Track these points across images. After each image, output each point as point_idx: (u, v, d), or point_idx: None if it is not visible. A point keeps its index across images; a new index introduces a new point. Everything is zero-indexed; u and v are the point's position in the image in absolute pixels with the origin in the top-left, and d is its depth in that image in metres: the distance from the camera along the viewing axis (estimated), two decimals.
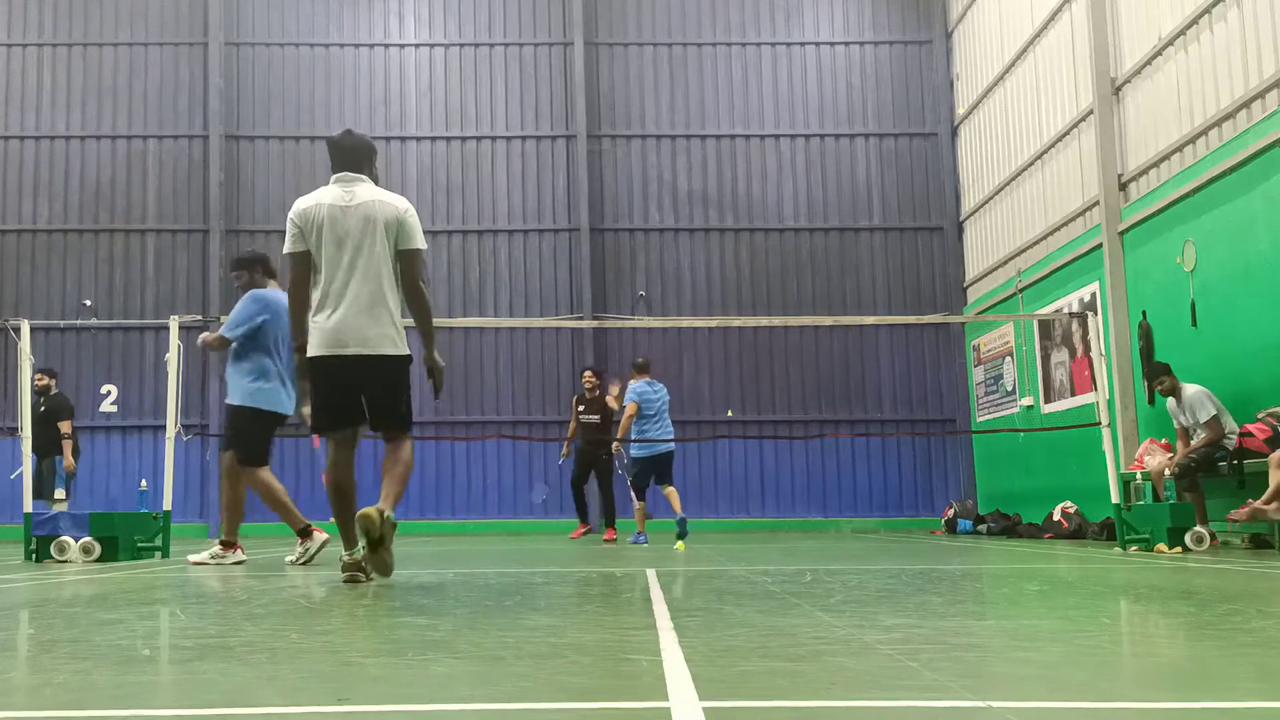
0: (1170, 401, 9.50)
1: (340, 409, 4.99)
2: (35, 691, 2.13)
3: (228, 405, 7.26)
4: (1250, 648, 2.61)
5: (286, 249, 4.97)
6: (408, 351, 5.03)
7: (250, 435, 7.13)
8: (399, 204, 5.01)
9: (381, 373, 4.95)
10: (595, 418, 12.21)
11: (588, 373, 12.67)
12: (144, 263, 17.46)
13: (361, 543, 4.99)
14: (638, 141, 17.89)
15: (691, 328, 16.87)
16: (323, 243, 4.88)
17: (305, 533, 7.11)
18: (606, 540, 11.27)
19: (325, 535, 7.11)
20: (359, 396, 4.96)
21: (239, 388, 7.16)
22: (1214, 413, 8.95)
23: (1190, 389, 9.23)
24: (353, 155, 5.05)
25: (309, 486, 16.59)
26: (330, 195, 4.95)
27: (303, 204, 4.97)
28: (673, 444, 11.19)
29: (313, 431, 5.20)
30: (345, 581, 4.98)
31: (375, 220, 4.89)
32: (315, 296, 4.90)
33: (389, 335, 4.90)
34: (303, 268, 4.91)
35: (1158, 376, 9.56)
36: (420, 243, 5.02)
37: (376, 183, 5.13)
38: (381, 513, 4.85)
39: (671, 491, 10.85)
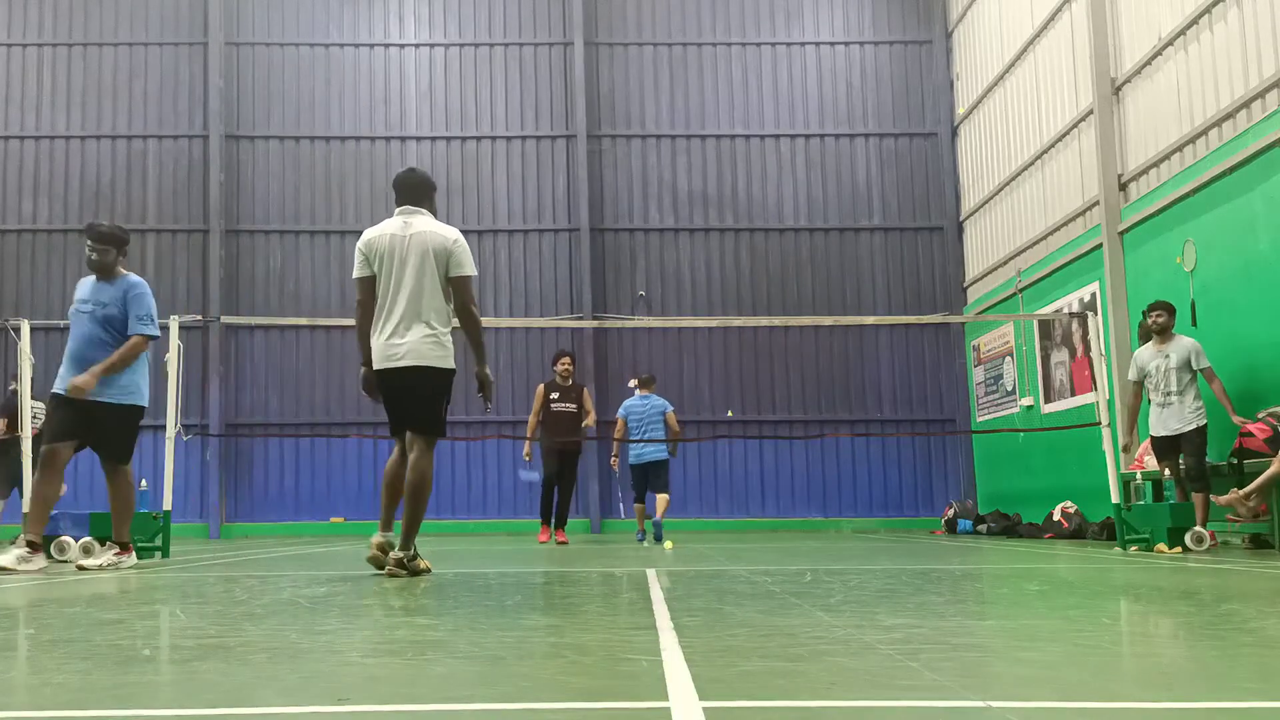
0: (1148, 348, 9.03)
1: (392, 415, 5.66)
2: (35, 691, 2.13)
3: (110, 404, 6.76)
4: (1250, 648, 2.61)
5: (355, 274, 5.61)
6: (443, 365, 5.54)
7: (134, 433, 6.95)
8: (449, 234, 5.54)
9: (408, 382, 5.49)
10: (571, 407, 11.33)
11: (565, 358, 11.43)
12: (144, 263, 17.45)
13: (390, 536, 5.64)
14: (638, 141, 17.89)
15: (691, 328, 16.87)
16: (383, 269, 5.50)
17: (125, 546, 6.71)
18: (549, 541, 11.05)
19: (134, 560, 6.75)
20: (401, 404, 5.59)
21: (127, 385, 6.80)
22: (1209, 365, 8.77)
23: (1187, 338, 8.95)
24: (412, 191, 5.65)
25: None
26: (393, 226, 5.56)
27: (369, 234, 5.59)
28: (656, 453, 11.52)
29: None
30: (368, 559, 5.67)
31: (427, 249, 5.46)
32: (378, 317, 5.54)
33: (419, 349, 5.44)
34: (367, 292, 5.56)
35: (1158, 310, 8.94)
36: (470, 270, 5.56)
37: (435, 215, 5.72)
38: (391, 554, 5.48)
39: (661, 498, 11.40)
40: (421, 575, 5.45)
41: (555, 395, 11.37)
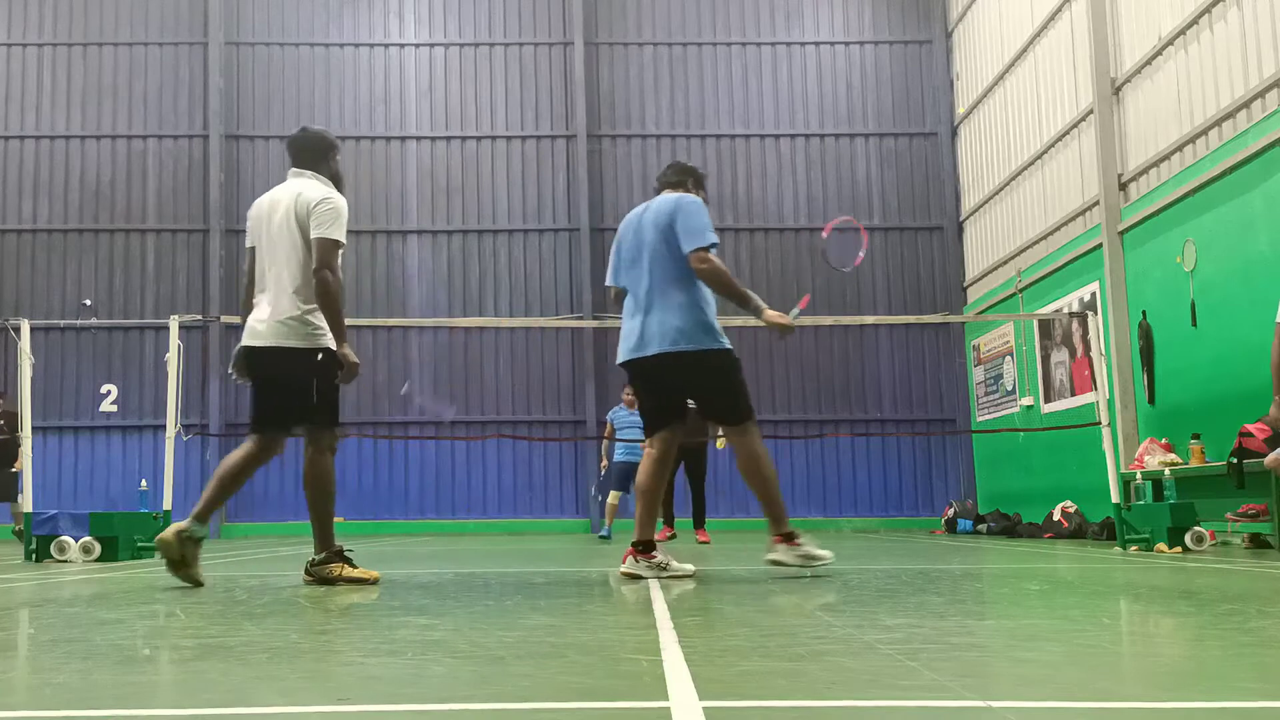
0: None
1: (253, 403, 5.05)
2: (35, 691, 2.13)
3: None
4: (1250, 648, 2.61)
5: (247, 244, 5.09)
6: (306, 345, 4.81)
7: None
8: (316, 194, 4.88)
9: (266, 366, 4.86)
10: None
11: None
12: (144, 263, 17.46)
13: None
14: (638, 141, 17.89)
15: None
16: (259, 240, 4.97)
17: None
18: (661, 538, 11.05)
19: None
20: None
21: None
22: None
23: None
24: (301, 153, 5.09)
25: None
26: (276, 192, 5.02)
27: (255, 203, 5.09)
28: (635, 457, 11.57)
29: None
30: (155, 541, 5.03)
31: (292, 213, 4.86)
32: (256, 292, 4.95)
33: (277, 328, 4.79)
34: (250, 264, 5.02)
35: None
36: (330, 233, 4.81)
37: (337, 179, 5.11)
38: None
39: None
40: (338, 584, 4.81)
41: None
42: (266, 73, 17.96)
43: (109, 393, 17.14)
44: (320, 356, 4.83)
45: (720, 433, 11.20)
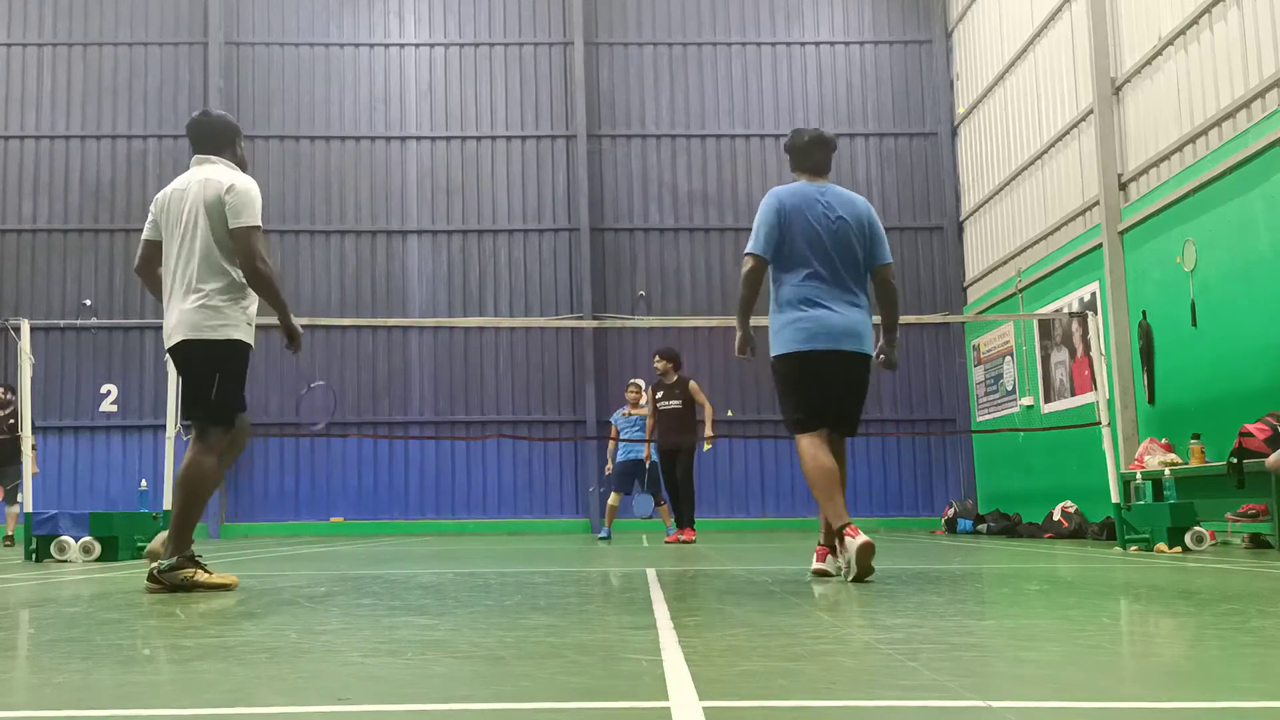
0: None
1: (182, 399, 4.93)
2: (35, 691, 2.13)
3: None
4: (1250, 648, 2.61)
5: (143, 235, 4.90)
6: (216, 336, 4.62)
7: None
8: (226, 181, 4.67)
9: (181, 360, 4.74)
10: (675, 404, 11.14)
11: (656, 358, 11.37)
12: None
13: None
14: (637, 141, 17.89)
15: (691, 327, 16.86)
16: (166, 231, 4.78)
17: None
18: (672, 541, 10.87)
19: None
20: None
21: None
22: None
23: None
24: (203, 139, 4.87)
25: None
26: (182, 180, 4.82)
27: (161, 193, 4.88)
28: (634, 456, 11.66)
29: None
30: (144, 554, 4.86)
31: (199, 201, 4.66)
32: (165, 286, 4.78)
33: (188, 319, 4.62)
34: (148, 254, 4.86)
35: None
36: (248, 219, 4.63)
37: (241, 164, 4.92)
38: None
39: (646, 500, 11.63)
40: (191, 590, 4.44)
41: (660, 394, 11.28)
42: (266, 73, 17.96)
43: (109, 393, 17.14)
44: (224, 349, 4.65)
45: (708, 434, 11.23)
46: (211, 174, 4.73)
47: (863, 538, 4.59)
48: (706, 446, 11.30)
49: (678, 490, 11.16)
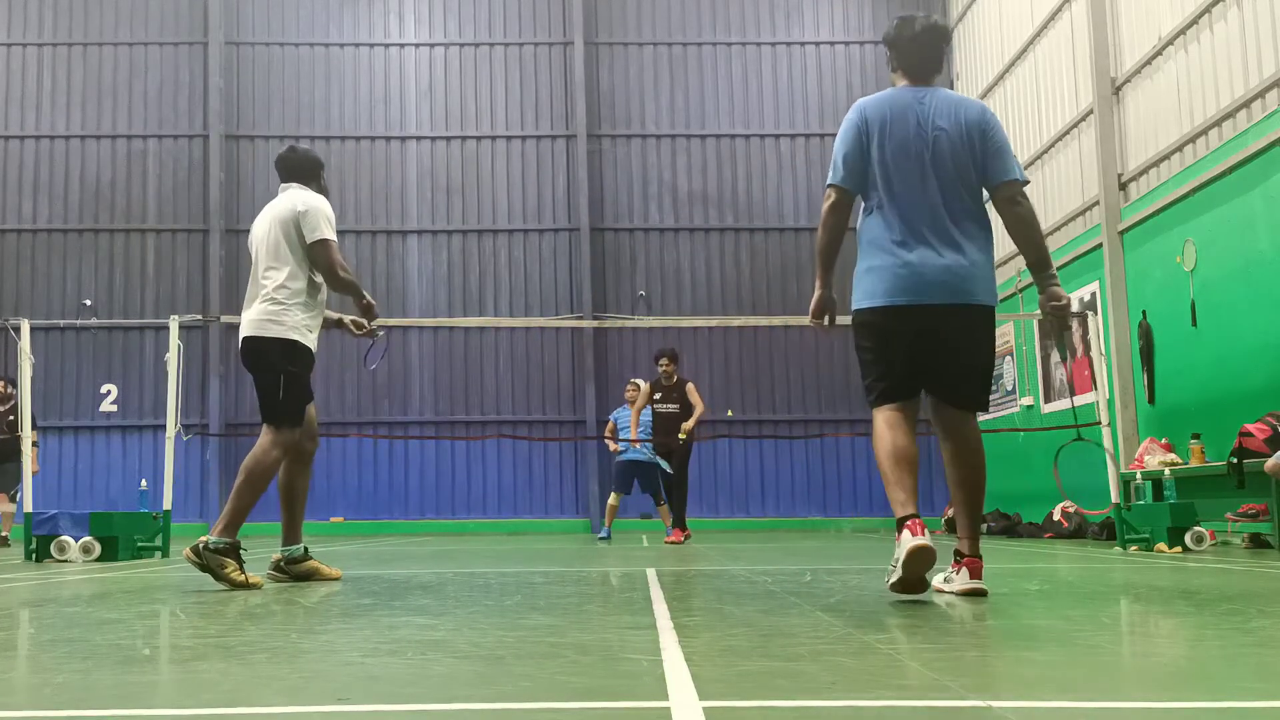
0: None
1: None
2: (35, 691, 2.13)
3: None
4: (1250, 648, 2.61)
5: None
6: (278, 336, 4.96)
7: None
8: (299, 202, 5.13)
9: (248, 361, 5.08)
10: (673, 407, 11.11)
11: (661, 359, 11.25)
12: (144, 263, 17.46)
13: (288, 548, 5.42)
14: (637, 141, 17.90)
15: (691, 327, 16.87)
16: (251, 247, 5.29)
17: None
18: (671, 541, 10.74)
19: None
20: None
21: None
22: None
23: None
24: (288, 171, 5.39)
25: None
26: (265, 209, 5.31)
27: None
28: (634, 456, 11.51)
29: None
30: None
31: (274, 220, 5.13)
32: None
33: (254, 320, 5.00)
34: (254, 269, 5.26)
35: None
36: (322, 233, 5.09)
37: (325, 194, 5.40)
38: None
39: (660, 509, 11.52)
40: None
41: (659, 396, 11.22)
42: (266, 73, 17.96)
43: (109, 393, 17.15)
44: (290, 348, 4.98)
45: (686, 425, 11.09)
46: (289, 198, 5.22)
47: (921, 539, 3.64)
48: (681, 436, 11.18)
49: (671, 491, 11.16)
